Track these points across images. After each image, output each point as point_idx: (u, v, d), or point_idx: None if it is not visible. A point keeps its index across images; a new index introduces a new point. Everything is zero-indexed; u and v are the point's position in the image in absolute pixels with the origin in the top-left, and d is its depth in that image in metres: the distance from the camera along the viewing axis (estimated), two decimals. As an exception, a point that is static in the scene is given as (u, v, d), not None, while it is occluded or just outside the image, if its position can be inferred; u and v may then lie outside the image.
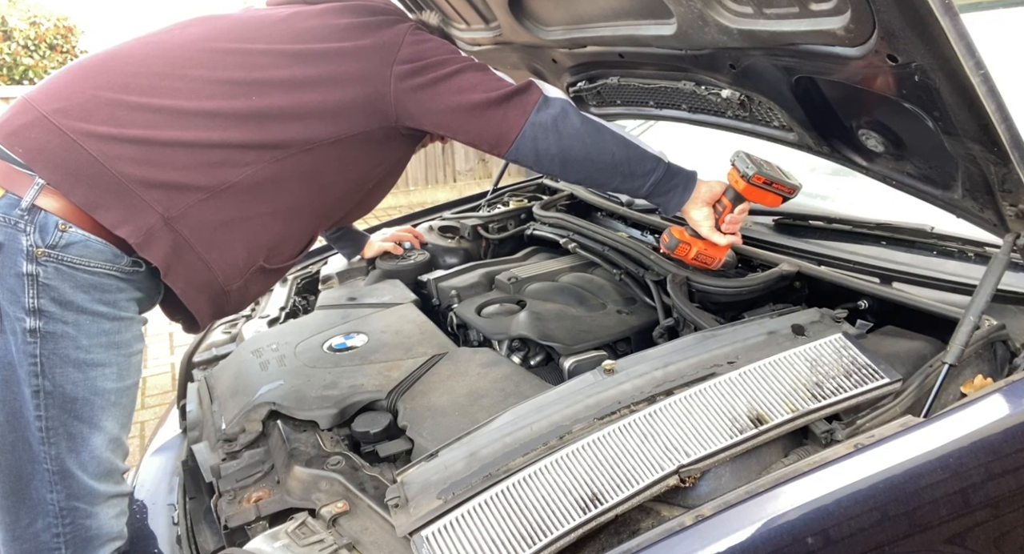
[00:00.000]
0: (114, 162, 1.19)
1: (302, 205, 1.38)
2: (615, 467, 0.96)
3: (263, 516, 1.14)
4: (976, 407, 1.06)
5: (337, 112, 1.34)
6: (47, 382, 1.18)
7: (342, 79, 1.34)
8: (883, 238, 1.46)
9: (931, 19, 0.88)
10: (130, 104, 1.23)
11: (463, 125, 1.39)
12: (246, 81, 1.30)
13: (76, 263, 1.18)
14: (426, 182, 7.43)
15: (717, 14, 1.21)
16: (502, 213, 2.27)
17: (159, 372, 3.73)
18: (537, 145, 1.36)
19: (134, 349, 1.28)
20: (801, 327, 1.20)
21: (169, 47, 1.33)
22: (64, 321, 1.18)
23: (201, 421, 1.48)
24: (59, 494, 1.23)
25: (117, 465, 1.29)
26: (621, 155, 1.39)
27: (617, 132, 1.40)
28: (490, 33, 1.87)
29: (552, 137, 1.36)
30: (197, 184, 1.24)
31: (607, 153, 1.38)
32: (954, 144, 1.07)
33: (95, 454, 1.24)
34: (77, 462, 1.23)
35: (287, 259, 1.44)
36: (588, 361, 1.46)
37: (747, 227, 1.70)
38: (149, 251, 1.20)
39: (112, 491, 1.29)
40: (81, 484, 1.24)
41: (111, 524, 1.29)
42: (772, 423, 1.01)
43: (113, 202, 1.18)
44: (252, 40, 1.35)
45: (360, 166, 1.43)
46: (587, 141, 1.37)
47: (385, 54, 1.36)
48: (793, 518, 0.93)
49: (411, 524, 0.93)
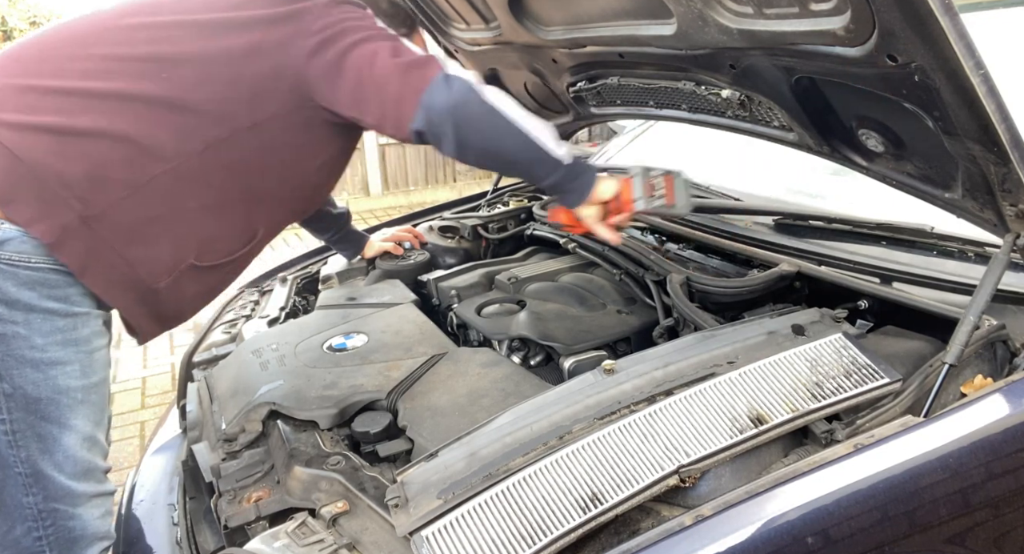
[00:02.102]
0: (29, 153, 1.13)
1: (231, 199, 1.31)
2: (615, 467, 0.96)
3: (263, 516, 1.14)
4: (976, 407, 1.06)
5: (253, 90, 1.26)
6: (6, 385, 1.14)
7: (254, 51, 1.25)
8: (883, 238, 1.46)
9: (931, 19, 0.88)
10: (41, 89, 1.17)
11: (365, 105, 1.29)
12: (154, 57, 1.22)
13: (15, 260, 1.13)
14: (426, 182, 7.43)
15: (717, 14, 1.21)
16: (502, 213, 2.27)
17: (159, 372, 3.73)
18: (431, 129, 1.26)
19: (95, 345, 1.24)
20: (801, 327, 1.20)
21: (82, 27, 1.26)
22: (13, 321, 1.13)
23: (201, 421, 1.48)
24: (35, 497, 1.20)
25: (96, 463, 1.26)
26: (521, 155, 1.31)
27: (522, 130, 1.29)
28: (490, 33, 1.87)
29: (448, 124, 1.25)
30: (116, 178, 1.18)
31: (506, 151, 1.31)
32: (954, 144, 1.07)
33: (70, 454, 1.21)
34: (52, 463, 1.20)
35: (223, 256, 1.36)
36: (588, 361, 1.46)
37: (747, 227, 1.70)
38: (62, 252, 1.15)
39: (94, 490, 1.26)
40: (58, 485, 1.21)
41: (96, 525, 1.26)
42: (772, 423, 1.01)
43: (27, 197, 1.12)
44: (162, 11, 1.27)
45: (288, 155, 1.35)
46: (485, 134, 1.28)
47: (300, 25, 1.27)
48: (793, 518, 0.93)
49: (411, 524, 0.93)
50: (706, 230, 1.74)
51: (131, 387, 3.59)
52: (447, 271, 1.96)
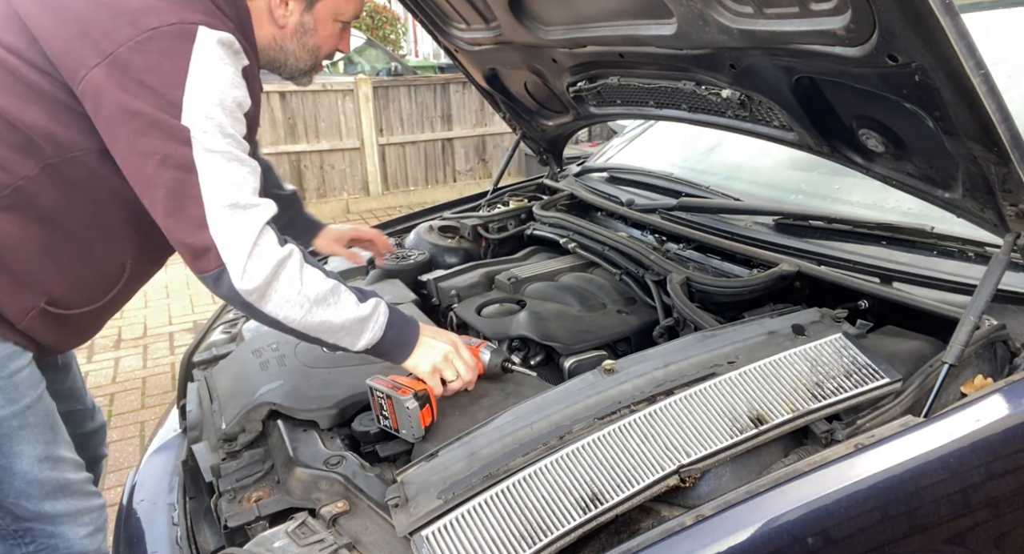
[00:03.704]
0: None
1: (75, 236, 1.18)
2: (615, 467, 0.96)
3: (263, 516, 1.14)
4: (976, 407, 1.06)
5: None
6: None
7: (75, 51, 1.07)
8: (883, 238, 1.46)
9: (931, 19, 0.88)
10: None
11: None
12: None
13: None
14: (426, 182, 7.43)
15: (717, 14, 1.21)
16: (502, 213, 2.27)
17: (159, 372, 3.73)
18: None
19: (12, 368, 1.18)
20: (801, 327, 1.20)
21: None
22: None
23: (201, 421, 1.48)
24: (3, 520, 1.18)
25: (66, 479, 1.23)
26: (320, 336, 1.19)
27: (324, 321, 1.15)
28: (490, 33, 1.87)
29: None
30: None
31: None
32: (954, 144, 1.07)
33: (31, 479, 1.18)
34: (12, 492, 1.17)
35: (84, 304, 1.25)
36: (588, 361, 1.45)
37: (747, 227, 1.70)
38: None
39: (75, 507, 1.24)
40: (27, 510, 1.19)
41: (83, 544, 1.24)
42: (772, 423, 1.01)
43: None
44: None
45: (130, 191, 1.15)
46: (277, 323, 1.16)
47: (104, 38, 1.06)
48: (793, 518, 0.93)
49: (411, 524, 0.93)
50: (706, 230, 1.73)
51: (131, 387, 3.59)
52: (447, 271, 1.96)
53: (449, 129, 7.36)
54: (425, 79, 7.30)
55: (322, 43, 1.35)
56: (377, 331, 1.21)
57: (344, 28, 1.38)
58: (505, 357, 1.36)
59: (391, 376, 1.25)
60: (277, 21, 1.27)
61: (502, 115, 2.41)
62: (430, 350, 1.25)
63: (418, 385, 1.21)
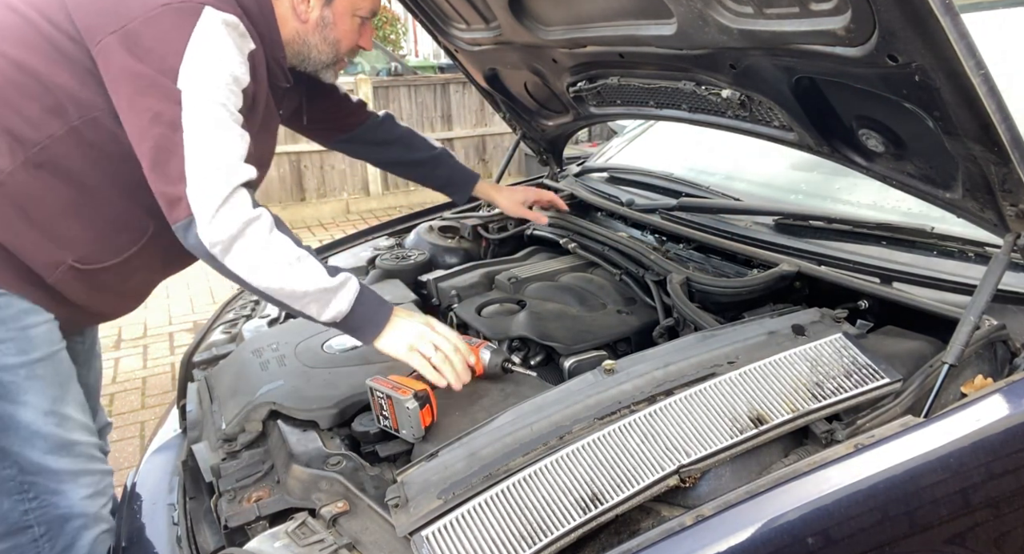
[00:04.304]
0: None
1: (99, 190, 1.29)
2: (615, 467, 0.96)
3: (263, 516, 1.14)
4: (976, 407, 1.06)
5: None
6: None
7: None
8: (883, 238, 1.46)
9: (931, 19, 0.88)
10: None
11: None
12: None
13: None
14: (426, 182, 7.42)
15: (717, 14, 1.21)
16: (502, 213, 2.27)
17: (159, 372, 3.73)
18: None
19: (27, 322, 1.24)
20: (801, 327, 1.20)
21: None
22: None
23: (201, 421, 1.48)
24: (10, 470, 1.22)
25: (72, 438, 1.27)
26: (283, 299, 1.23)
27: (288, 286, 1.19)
28: (490, 33, 1.87)
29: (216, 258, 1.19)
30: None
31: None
32: (954, 144, 1.07)
33: (34, 430, 1.23)
34: (17, 439, 1.22)
35: (109, 257, 1.34)
36: (588, 361, 1.45)
37: (747, 227, 1.70)
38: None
39: (76, 467, 1.27)
40: (30, 461, 1.22)
41: (84, 505, 1.27)
42: (772, 423, 1.01)
43: None
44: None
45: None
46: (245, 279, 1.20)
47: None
48: (793, 518, 0.93)
49: (411, 524, 0.93)
50: (706, 230, 1.73)
51: (131, 387, 3.59)
52: (447, 271, 1.96)
53: (449, 129, 7.36)
54: (425, 79, 7.30)
55: (342, 37, 1.47)
56: (343, 305, 1.24)
57: (363, 24, 1.49)
58: (505, 357, 1.36)
59: (391, 376, 1.25)
60: (299, 16, 1.41)
61: (502, 115, 2.41)
62: (402, 331, 1.27)
63: (418, 385, 1.22)
